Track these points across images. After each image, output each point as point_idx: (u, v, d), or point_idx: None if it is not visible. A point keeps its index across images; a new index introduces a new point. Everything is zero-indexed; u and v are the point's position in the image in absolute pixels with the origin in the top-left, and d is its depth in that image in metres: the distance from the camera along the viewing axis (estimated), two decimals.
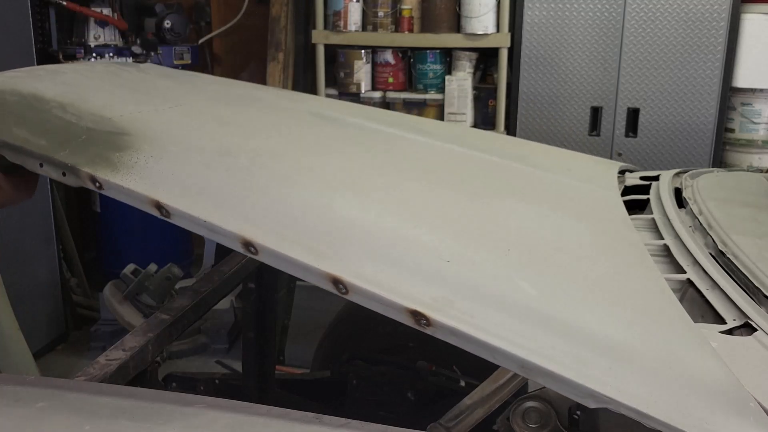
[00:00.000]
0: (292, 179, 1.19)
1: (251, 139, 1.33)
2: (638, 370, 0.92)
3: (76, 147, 1.14)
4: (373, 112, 2.02)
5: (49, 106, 1.26)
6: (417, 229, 1.13)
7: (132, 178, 1.09)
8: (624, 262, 1.21)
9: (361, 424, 1.00)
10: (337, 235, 1.06)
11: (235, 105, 1.57)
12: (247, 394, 2.06)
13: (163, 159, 1.15)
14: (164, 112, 1.34)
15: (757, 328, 1.05)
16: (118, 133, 1.18)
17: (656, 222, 1.51)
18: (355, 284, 0.98)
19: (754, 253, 1.25)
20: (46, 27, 3.48)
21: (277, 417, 1.02)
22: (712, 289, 1.19)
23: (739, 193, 1.71)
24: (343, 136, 1.52)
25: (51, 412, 1.06)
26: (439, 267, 1.03)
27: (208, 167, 1.17)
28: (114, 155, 1.13)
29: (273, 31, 3.84)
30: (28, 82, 1.37)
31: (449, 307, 0.96)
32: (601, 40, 3.28)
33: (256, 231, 1.03)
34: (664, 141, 3.32)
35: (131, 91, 1.48)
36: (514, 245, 1.15)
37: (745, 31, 3.18)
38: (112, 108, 1.28)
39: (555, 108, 3.40)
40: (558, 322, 0.98)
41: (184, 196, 1.08)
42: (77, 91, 1.36)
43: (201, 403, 1.07)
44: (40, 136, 1.17)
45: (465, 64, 3.56)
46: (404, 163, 1.44)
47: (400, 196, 1.24)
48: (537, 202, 1.39)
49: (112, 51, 3.50)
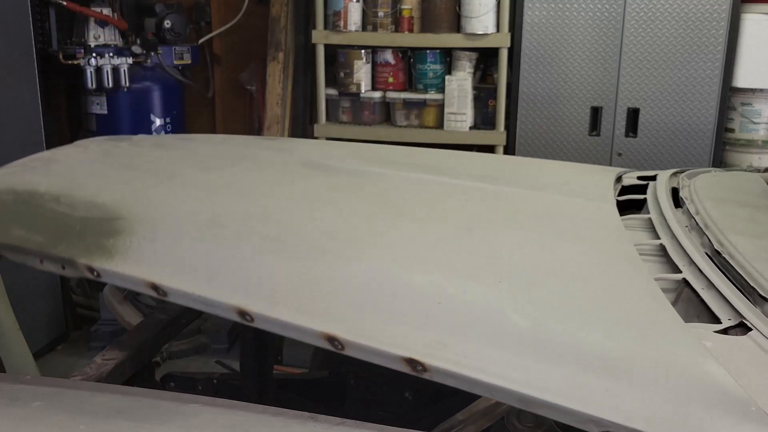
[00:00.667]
0: (280, 241, 1.21)
1: (241, 204, 1.36)
2: (636, 386, 0.93)
3: (72, 239, 1.18)
4: (364, 151, 2.03)
5: (44, 200, 1.30)
6: (407, 275, 1.14)
7: (127, 262, 1.12)
8: (617, 276, 1.21)
9: (356, 423, 1.00)
10: (328, 292, 1.08)
11: (226, 167, 1.59)
12: (246, 393, 2.07)
13: (155, 238, 1.18)
14: (156, 188, 1.37)
15: (752, 327, 1.05)
16: (111, 219, 1.22)
17: (653, 222, 1.52)
18: (350, 340, 1.00)
19: (750, 253, 1.25)
20: (46, 27, 3.48)
21: (273, 416, 1.03)
22: (707, 289, 1.19)
23: (736, 192, 1.71)
24: (333, 185, 1.54)
25: (47, 411, 1.06)
26: (431, 311, 1.05)
27: (199, 240, 1.20)
28: (108, 242, 1.16)
29: (273, 31, 3.84)
30: (23, 177, 1.41)
31: (443, 351, 0.98)
32: (601, 40, 3.28)
33: (249, 299, 1.06)
34: (664, 141, 3.32)
35: (124, 169, 1.51)
36: (506, 276, 1.16)
37: (745, 31, 3.18)
38: (105, 192, 1.32)
39: (555, 108, 3.40)
40: (552, 349, 0.98)
41: (177, 274, 1.11)
42: (70, 180, 1.40)
43: (197, 403, 1.07)
44: (37, 233, 1.21)
45: (465, 64, 3.56)
46: (394, 204, 1.45)
47: (390, 242, 1.25)
48: (529, 227, 1.40)
49: (112, 51, 3.50)
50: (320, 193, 1.45)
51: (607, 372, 0.95)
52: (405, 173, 1.67)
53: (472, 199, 1.53)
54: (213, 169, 1.57)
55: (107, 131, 3.63)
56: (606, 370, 0.95)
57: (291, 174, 1.58)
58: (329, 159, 1.75)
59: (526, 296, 1.11)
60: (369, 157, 1.86)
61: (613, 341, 1.01)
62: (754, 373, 0.96)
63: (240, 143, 1.91)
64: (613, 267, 1.24)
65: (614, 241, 1.34)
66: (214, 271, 1.13)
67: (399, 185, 1.57)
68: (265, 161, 1.69)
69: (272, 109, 3.86)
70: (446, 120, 3.54)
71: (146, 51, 3.64)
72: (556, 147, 3.42)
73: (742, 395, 0.90)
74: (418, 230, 1.31)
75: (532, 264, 1.22)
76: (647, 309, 1.09)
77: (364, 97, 3.64)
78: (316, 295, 1.08)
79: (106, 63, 3.47)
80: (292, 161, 1.69)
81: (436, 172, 1.72)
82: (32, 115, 3.22)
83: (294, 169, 1.62)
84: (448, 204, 1.48)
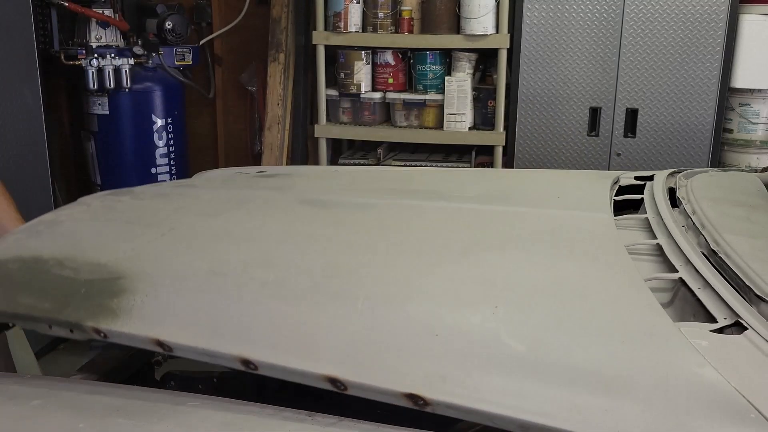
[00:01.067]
0: (278, 286, 1.23)
1: (240, 251, 1.38)
2: (635, 402, 0.93)
3: (78, 303, 1.21)
4: (360, 178, 2.04)
5: (48, 266, 1.33)
6: (404, 308, 1.16)
7: (132, 321, 1.15)
8: (612, 289, 1.21)
9: (352, 422, 1.01)
10: (327, 333, 1.10)
11: (225, 213, 1.62)
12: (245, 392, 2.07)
13: (158, 295, 1.21)
14: (157, 241, 1.41)
15: (747, 327, 1.06)
16: (114, 279, 1.25)
17: (650, 221, 1.52)
18: (351, 380, 1.02)
19: (746, 253, 1.25)
20: (47, 28, 3.48)
21: (270, 415, 1.04)
22: (703, 288, 1.19)
23: (733, 192, 1.71)
24: (330, 221, 1.56)
25: (46, 410, 1.07)
26: (428, 343, 1.06)
27: (200, 292, 1.23)
28: (113, 302, 1.19)
29: (274, 32, 3.85)
30: (28, 243, 1.46)
31: (442, 383, 1.00)
32: (600, 41, 3.29)
33: (252, 348, 1.09)
34: (663, 141, 3.32)
35: (125, 225, 1.55)
36: (502, 300, 1.17)
37: (744, 31, 3.19)
38: (107, 252, 1.35)
39: (554, 108, 3.40)
40: (550, 372, 0.99)
41: (180, 329, 1.14)
42: (74, 242, 1.44)
43: (195, 401, 1.08)
44: (44, 300, 1.24)
45: (464, 65, 3.56)
46: (389, 236, 1.47)
47: (387, 275, 1.27)
48: (524, 246, 1.40)
49: (113, 52, 3.51)
50: (317, 231, 1.48)
51: (605, 391, 0.95)
52: (400, 201, 1.70)
53: (467, 222, 1.54)
54: (212, 216, 1.60)
55: (108, 131, 3.65)
56: (604, 389, 0.96)
57: (289, 213, 1.61)
58: (326, 194, 1.79)
59: (522, 319, 1.12)
60: (365, 187, 1.89)
61: (610, 358, 1.01)
62: (749, 373, 0.96)
63: (239, 184, 1.94)
64: (608, 280, 1.24)
65: (609, 254, 1.34)
66: (216, 322, 1.16)
67: (394, 215, 1.60)
68: (264, 202, 1.72)
69: (273, 110, 3.86)
70: (446, 120, 3.54)
71: (147, 52, 3.64)
72: (555, 147, 3.43)
73: (741, 402, 0.91)
74: (414, 260, 1.33)
75: (528, 285, 1.23)
76: (644, 323, 1.09)
77: (364, 97, 3.65)
78: (316, 337, 1.10)
79: (108, 64, 3.47)
80: (291, 199, 1.73)
81: (431, 197, 1.74)
82: (34, 115, 3.23)
83: (292, 208, 1.66)
84: (444, 230, 1.49)
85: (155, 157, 3.74)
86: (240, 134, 4.31)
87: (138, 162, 3.71)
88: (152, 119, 3.70)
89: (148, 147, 3.72)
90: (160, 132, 3.73)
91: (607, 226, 1.48)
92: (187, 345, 1.11)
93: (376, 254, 1.36)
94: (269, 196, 1.78)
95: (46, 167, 3.27)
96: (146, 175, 3.73)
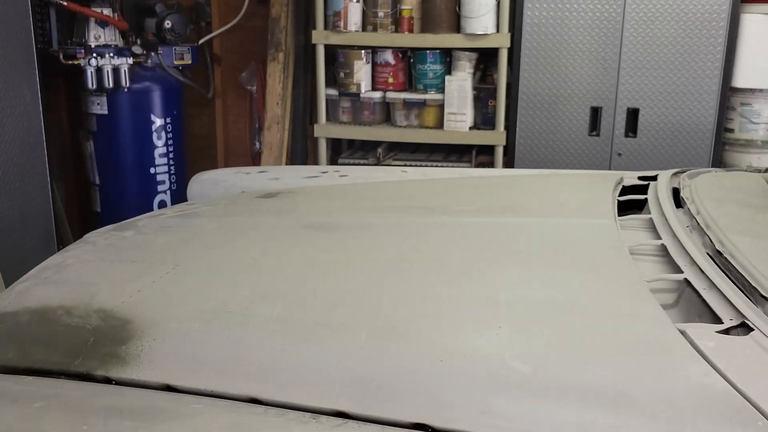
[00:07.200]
0: (284, 320, 1.24)
1: (245, 285, 1.38)
2: (641, 417, 0.93)
3: (87, 352, 1.22)
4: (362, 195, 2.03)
5: (57, 315, 1.34)
6: (408, 335, 1.15)
7: (141, 367, 1.16)
8: (616, 300, 1.21)
9: (357, 424, 1.00)
10: (333, 366, 1.10)
11: (228, 243, 1.62)
12: None
13: (165, 338, 1.21)
14: (161, 280, 1.41)
15: (753, 327, 1.05)
16: (122, 324, 1.26)
17: (654, 222, 1.52)
18: (358, 414, 1.01)
19: (751, 253, 1.25)
20: (46, 27, 3.48)
21: (274, 417, 1.03)
22: (709, 289, 1.19)
23: (737, 193, 1.71)
24: (332, 245, 1.56)
25: (48, 411, 1.06)
26: (434, 370, 1.05)
27: (206, 332, 1.23)
28: (121, 349, 1.20)
29: (273, 32, 3.84)
30: (36, 291, 1.46)
31: (449, 411, 0.98)
32: (600, 41, 3.28)
33: (259, 386, 1.09)
34: (664, 141, 3.32)
35: (130, 264, 1.56)
36: (505, 320, 1.16)
37: (745, 31, 3.19)
38: (114, 295, 1.36)
39: (555, 108, 3.40)
40: (555, 391, 0.99)
41: (188, 372, 1.14)
42: (81, 287, 1.44)
43: (199, 403, 1.07)
44: (54, 352, 1.25)
45: (465, 65, 3.56)
46: (391, 258, 1.46)
47: (389, 302, 1.26)
48: (527, 260, 1.40)
49: (112, 51, 3.50)
50: (320, 258, 1.48)
51: (612, 407, 0.95)
52: (400, 218, 1.70)
53: (469, 238, 1.53)
54: (216, 247, 1.61)
55: (107, 131, 3.64)
56: (610, 405, 0.95)
57: (292, 240, 1.62)
58: (328, 215, 1.79)
59: (526, 339, 1.11)
60: (366, 205, 1.89)
61: (615, 374, 1.01)
62: (755, 374, 0.96)
63: (241, 210, 1.95)
64: (613, 293, 1.23)
65: (614, 265, 1.33)
66: (223, 362, 1.16)
67: (396, 234, 1.60)
68: (266, 229, 1.72)
69: (272, 109, 3.86)
70: (446, 120, 3.54)
71: (146, 51, 3.64)
72: (556, 147, 3.43)
73: (748, 409, 0.90)
74: (416, 284, 1.32)
75: (531, 301, 1.22)
76: (648, 334, 1.08)
77: (364, 97, 3.64)
78: (322, 371, 1.10)
79: (107, 63, 3.47)
80: (293, 225, 1.73)
81: (432, 212, 1.73)
82: (32, 115, 3.22)
83: (295, 233, 1.66)
84: (445, 248, 1.49)
85: (154, 156, 3.73)
86: (239, 134, 4.30)
87: (137, 162, 3.71)
88: (151, 119, 3.70)
89: (147, 147, 3.71)
90: (159, 132, 3.72)
91: (611, 234, 1.47)
92: (196, 388, 1.11)
93: (378, 279, 1.36)
94: (272, 222, 1.79)
95: (44, 167, 3.26)
96: (145, 175, 3.73)
